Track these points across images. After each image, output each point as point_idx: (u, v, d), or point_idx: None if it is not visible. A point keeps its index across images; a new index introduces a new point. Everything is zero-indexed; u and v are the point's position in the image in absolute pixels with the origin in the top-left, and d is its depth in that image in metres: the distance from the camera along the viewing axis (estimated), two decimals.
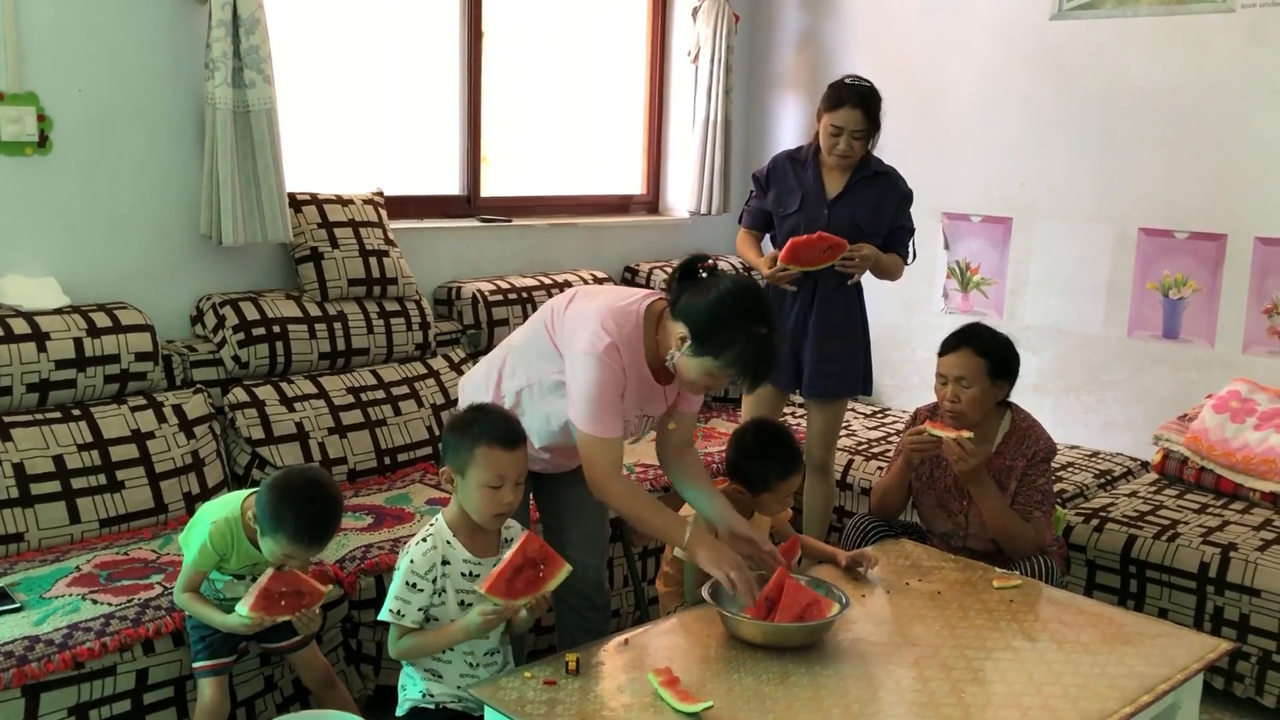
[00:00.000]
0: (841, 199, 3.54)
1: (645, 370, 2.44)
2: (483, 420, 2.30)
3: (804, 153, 3.63)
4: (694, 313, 2.30)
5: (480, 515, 2.29)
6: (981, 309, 4.65)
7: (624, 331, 2.38)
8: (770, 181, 3.63)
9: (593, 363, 2.35)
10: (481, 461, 2.24)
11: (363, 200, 3.88)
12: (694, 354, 2.31)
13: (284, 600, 2.37)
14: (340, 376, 3.64)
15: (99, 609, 2.57)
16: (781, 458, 2.75)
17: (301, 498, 2.36)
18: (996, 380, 3.02)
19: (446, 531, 2.33)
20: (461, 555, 2.32)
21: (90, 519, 2.99)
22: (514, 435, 2.30)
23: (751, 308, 2.30)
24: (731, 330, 2.27)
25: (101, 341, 3.13)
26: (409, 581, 2.28)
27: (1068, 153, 4.39)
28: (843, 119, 3.40)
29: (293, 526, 2.35)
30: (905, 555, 2.91)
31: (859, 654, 2.32)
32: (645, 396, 2.49)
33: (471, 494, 2.27)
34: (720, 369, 2.31)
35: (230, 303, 3.50)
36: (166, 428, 3.18)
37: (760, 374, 2.34)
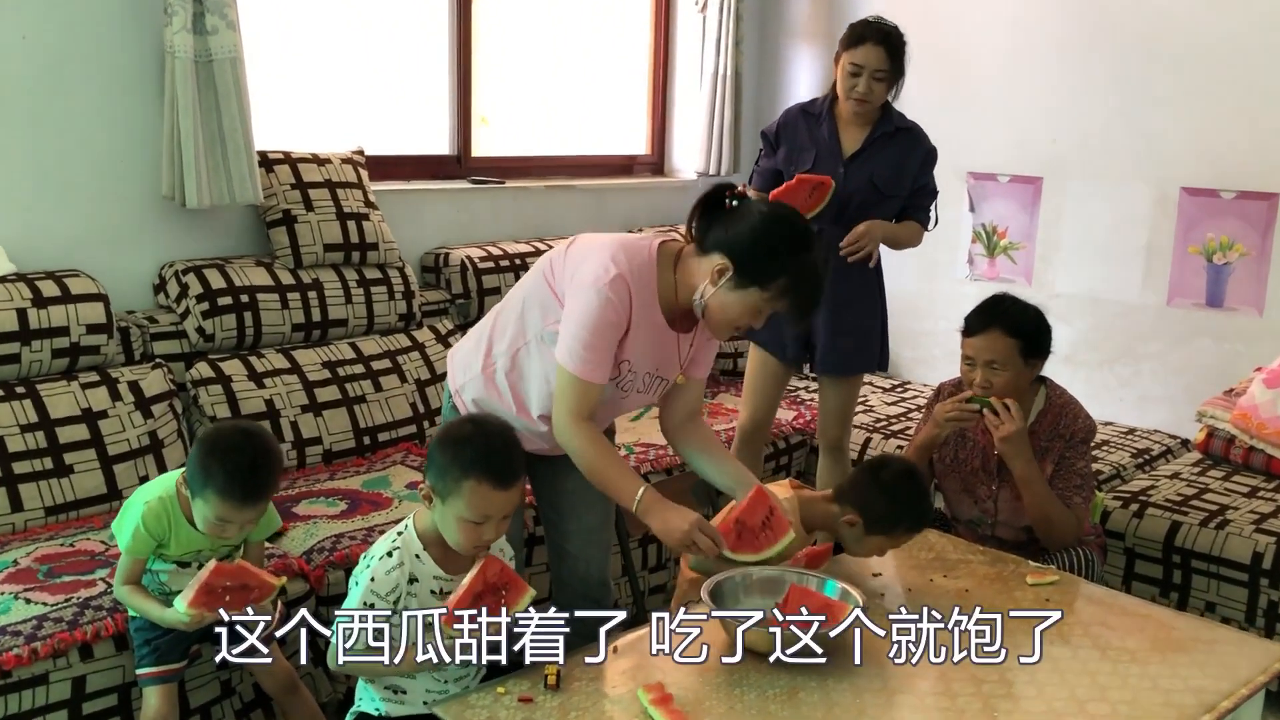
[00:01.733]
0: (859, 156, 3.25)
1: (658, 314, 2.21)
2: (479, 445, 1.98)
3: (819, 105, 3.33)
4: (736, 241, 2.11)
5: (456, 546, 2.02)
6: (1009, 275, 4.35)
7: (635, 265, 2.16)
8: (781, 138, 3.33)
9: (594, 296, 2.11)
10: (468, 497, 1.95)
11: (341, 160, 3.59)
12: (736, 286, 2.11)
13: (228, 595, 2.11)
14: (315, 350, 3.37)
15: (32, 610, 2.32)
16: (921, 513, 2.46)
17: (230, 448, 2.14)
18: (1030, 360, 2.73)
19: (416, 543, 2.05)
20: (432, 571, 2.04)
21: (35, 506, 2.73)
22: (510, 470, 1.99)
23: (799, 233, 2.15)
24: (780, 257, 2.10)
25: (49, 312, 2.87)
26: (366, 602, 2.00)
27: (1103, 106, 4.06)
28: (863, 56, 3.12)
29: (221, 480, 2.11)
30: (929, 547, 2.64)
31: (877, 665, 2.06)
32: (657, 346, 2.25)
33: (449, 524, 1.99)
34: (768, 301, 2.12)
35: (194, 270, 3.23)
36: (121, 406, 2.92)
37: (813, 302, 2.16)
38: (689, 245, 2.21)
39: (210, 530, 2.18)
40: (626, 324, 2.15)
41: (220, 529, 2.17)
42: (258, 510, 2.21)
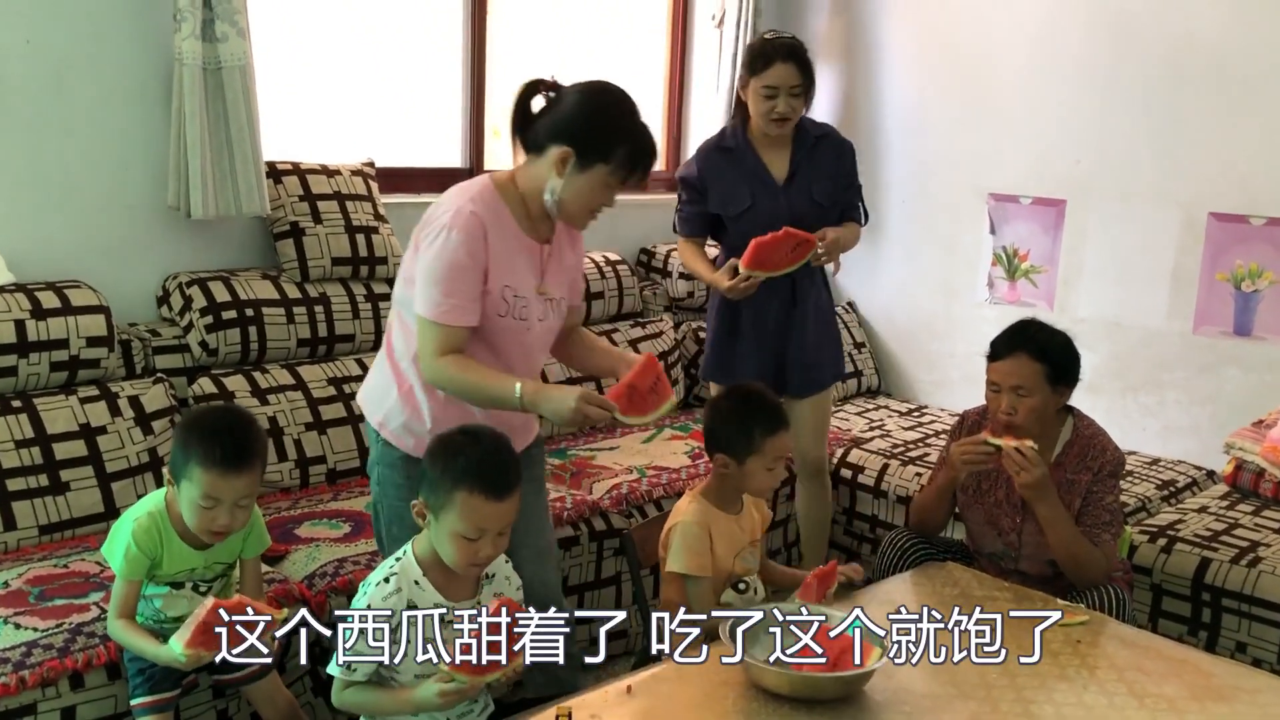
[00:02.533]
0: (794, 180, 3.17)
1: (517, 229, 2.24)
2: (471, 455, 1.90)
3: (730, 138, 3.22)
4: (567, 126, 2.16)
5: (453, 564, 1.93)
6: (1030, 299, 4.25)
7: (475, 195, 2.19)
8: (706, 181, 3.20)
9: (442, 237, 2.13)
10: (460, 509, 1.87)
11: (351, 171, 3.51)
12: (581, 168, 2.16)
13: (226, 630, 2.02)
14: (321, 366, 3.29)
15: (21, 635, 2.23)
16: (764, 412, 2.39)
17: (205, 417, 2.17)
18: (1057, 387, 2.64)
19: (415, 569, 1.96)
20: (432, 598, 1.95)
21: (28, 525, 2.65)
22: (505, 480, 1.91)
23: (623, 99, 2.21)
24: (616, 127, 2.16)
25: (48, 324, 2.79)
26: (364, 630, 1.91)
27: (1129, 127, 3.96)
28: (776, 77, 3.03)
29: (201, 451, 2.05)
30: (952, 582, 2.54)
31: (904, 710, 1.97)
32: (528, 262, 2.26)
33: (443, 541, 1.91)
34: (614, 172, 2.17)
35: (198, 282, 3.14)
36: (120, 422, 2.84)
37: (649, 159, 2.21)
38: (519, 159, 2.25)
39: (200, 523, 2.09)
40: (484, 255, 2.15)
41: (210, 517, 2.08)
42: (248, 485, 2.10)
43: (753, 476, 2.39)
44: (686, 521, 2.36)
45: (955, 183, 4.43)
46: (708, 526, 2.36)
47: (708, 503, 2.41)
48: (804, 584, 2.29)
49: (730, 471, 2.38)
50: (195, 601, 2.21)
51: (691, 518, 2.37)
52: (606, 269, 4.16)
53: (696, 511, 2.38)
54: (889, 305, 4.71)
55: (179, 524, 2.13)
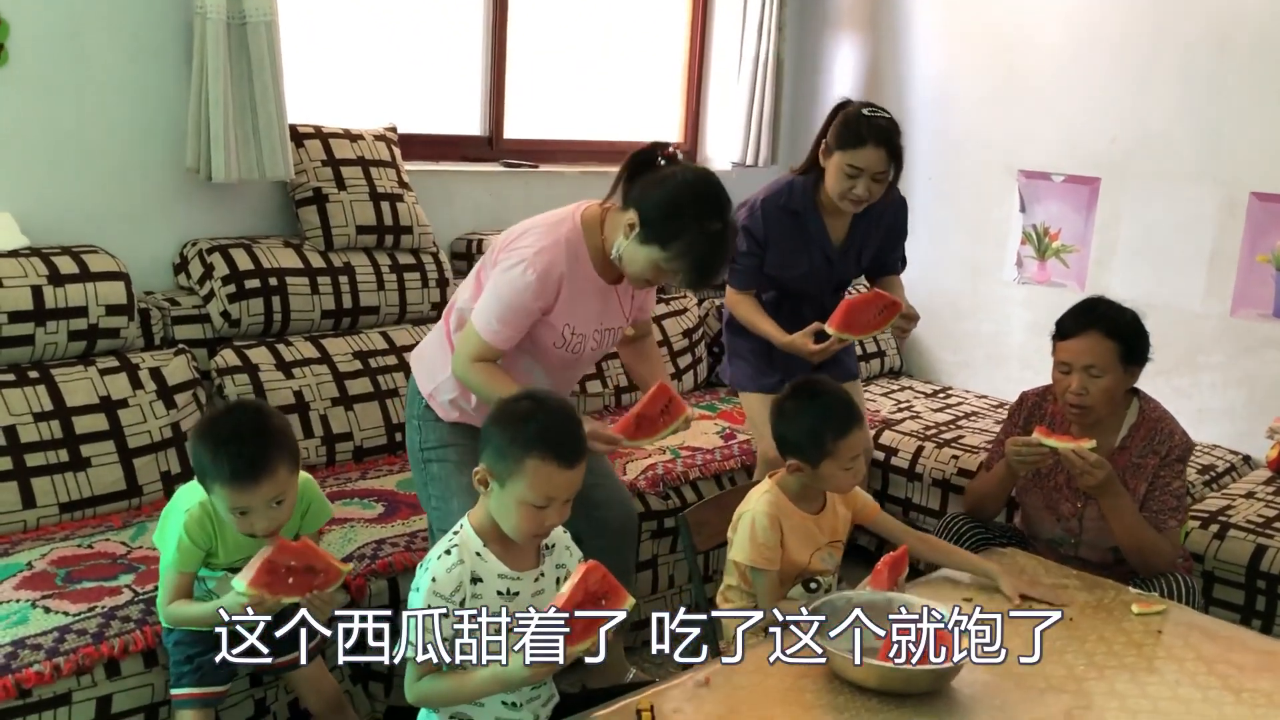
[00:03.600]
0: (849, 244, 3.05)
1: (592, 273, 2.33)
2: (540, 420, 1.81)
3: (796, 199, 2.99)
4: (646, 199, 2.20)
5: (516, 534, 1.83)
6: (1060, 279, 4.17)
7: (560, 236, 2.27)
8: (769, 240, 3.01)
9: (519, 270, 2.23)
10: (530, 477, 1.77)
11: (374, 136, 3.37)
12: (641, 241, 2.20)
13: (292, 576, 1.89)
14: (345, 339, 3.15)
15: (52, 620, 2.10)
16: (834, 413, 2.26)
17: (211, 426, 1.96)
18: (1129, 366, 2.55)
19: (475, 540, 1.85)
20: (495, 569, 1.85)
21: (48, 503, 2.51)
22: (576, 448, 1.82)
23: (708, 199, 2.20)
24: (683, 219, 2.16)
25: (66, 291, 2.64)
26: (431, 605, 1.80)
27: (1168, 103, 3.87)
28: (864, 160, 2.80)
29: (214, 468, 1.91)
30: (1018, 569, 2.45)
31: (996, 703, 1.87)
32: (598, 304, 2.36)
33: (508, 508, 1.80)
34: (667, 261, 2.19)
35: (220, 249, 3.00)
36: (142, 394, 2.69)
37: (708, 271, 2.22)
38: (612, 203, 2.31)
39: (239, 528, 1.96)
40: (552, 301, 2.25)
41: (247, 523, 1.95)
42: (274, 489, 1.95)
43: (829, 479, 2.28)
44: (757, 512, 2.25)
45: (984, 160, 4.33)
46: (779, 520, 2.26)
47: (783, 495, 2.30)
48: (874, 571, 2.19)
49: (805, 475, 2.28)
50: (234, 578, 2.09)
51: (763, 508, 2.26)
52: None
53: (769, 503, 2.27)
54: (912, 284, 4.49)
55: None
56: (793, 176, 3.05)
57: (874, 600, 2.07)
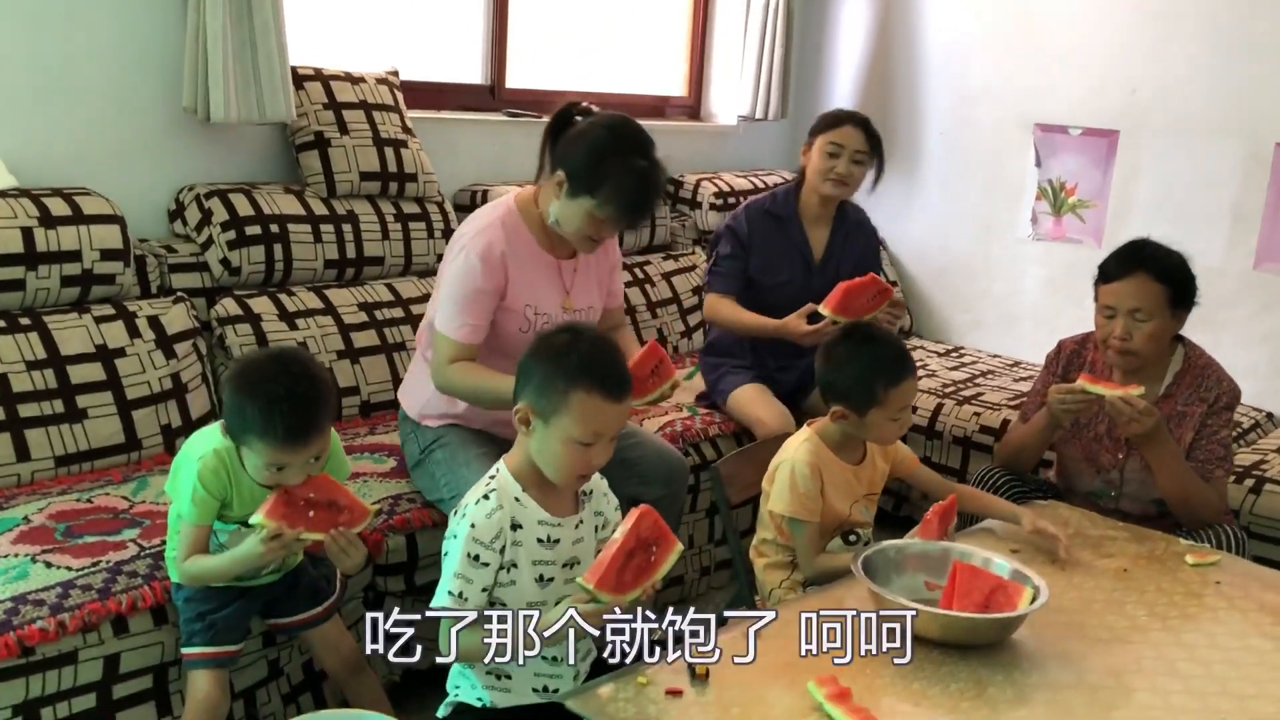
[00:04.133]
0: (827, 261, 3.13)
1: (537, 249, 2.33)
2: (582, 352, 1.70)
3: (780, 204, 3.11)
4: (569, 154, 2.21)
5: (559, 474, 1.72)
6: (1077, 235, 4.08)
7: (497, 218, 2.29)
8: (753, 242, 3.07)
9: (461, 258, 2.25)
10: (576, 411, 1.66)
11: (376, 80, 3.22)
12: (571, 195, 2.21)
13: (313, 510, 1.77)
14: (350, 290, 3.01)
15: (54, 574, 1.96)
16: (887, 361, 2.15)
17: (262, 380, 1.80)
18: (1176, 311, 2.46)
19: (513, 484, 1.74)
20: (535, 515, 1.74)
21: (43, 456, 2.37)
22: (622, 380, 1.72)
23: (628, 138, 2.22)
24: (607, 163, 2.17)
25: (58, 233, 2.49)
26: (471, 553, 1.69)
27: (1191, 53, 3.77)
28: (843, 136, 3.00)
29: (260, 423, 1.77)
30: (1064, 521, 2.36)
31: (1063, 655, 1.78)
32: (552, 278, 2.35)
33: (552, 447, 1.69)
34: (599, 207, 2.19)
35: (219, 194, 2.85)
36: (140, 344, 2.55)
37: (640, 209, 2.24)
38: (542, 180, 2.31)
39: (269, 482, 1.85)
40: (502, 280, 2.25)
41: (279, 479, 1.83)
42: (318, 447, 1.85)
43: (874, 428, 2.17)
44: (796, 460, 2.15)
45: (999, 113, 4.22)
46: (819, 469, 2.15)
47: (823, 445, 2.19)
48: (924, 521, 2.09)
49: (849, 423, 2.17)
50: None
51: (803, 457, 2.15)
52: None
53: (809, 451, 2.17)
54: (922, 243, 4.51)
55: None
56: (776, 187, 3.21)
57: (928, 550, 1.98)
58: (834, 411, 2.16)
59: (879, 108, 4.52)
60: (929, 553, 1.98)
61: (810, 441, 2.19)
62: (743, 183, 4.21)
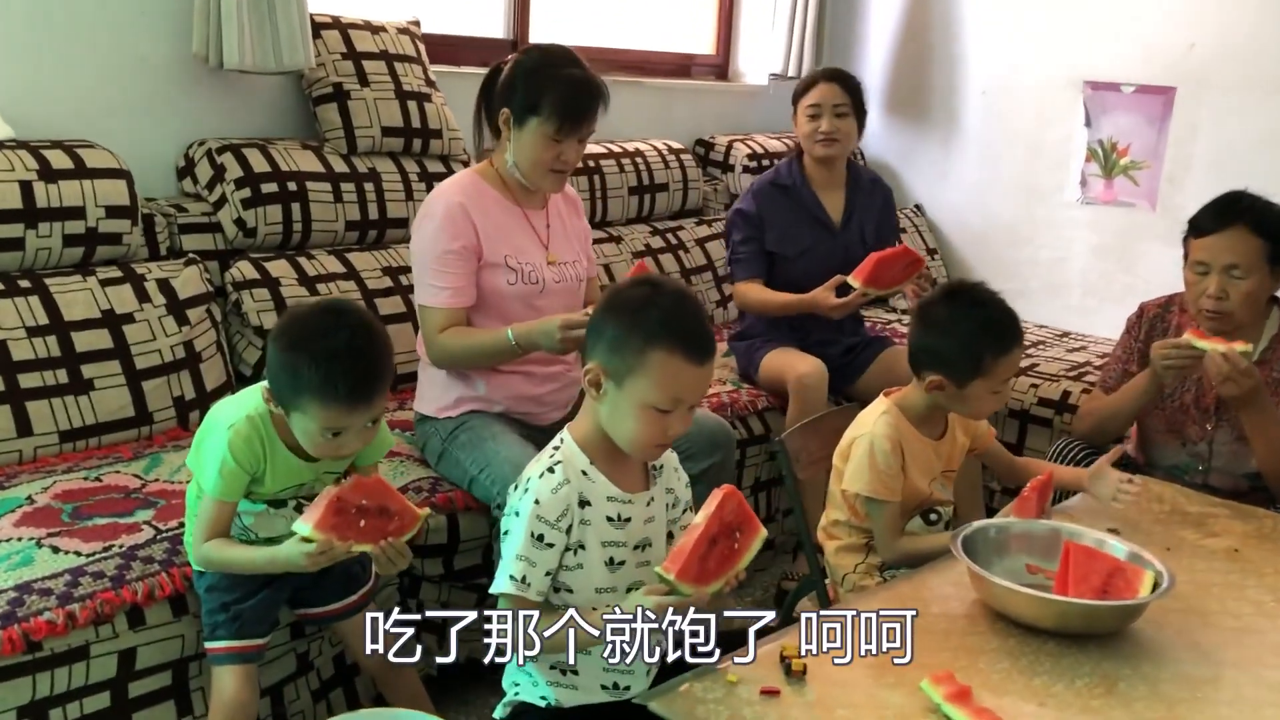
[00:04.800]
0: (849, 222, 3.04)
1: (501, 198, 2.29)
2: (662, 306, 1.50)
3: (784, 175, 3.02)
4: (504, 92, 2.23)
5: (633, 444, 1.52)
6: (1129, 198, 3.87)
7: (454, 184, 2.27)
8: (764, 218, 2.96)
9: (423, 226, 2.22)
10: (655, 372, 1.46)
11: (397, 30, 3.01)
12: (519, 124, 2.21)
13: (364, 519, 1.58)
14: (373, 253, 2.81)
15: (62, 561, 1.77)
16: (997, 327, 1.95)
17: (319, 332, 1.60)
18: (1275, 268, 2.27)
19: (580, 457, 1.55)
20: (605, 491, 1.55)
21: (47, 430, 2.17)
22: (707, 342, 1.52)
23: (553, 54, 2.25)
24: (540, 77, 2.19)
25: (59, 188, 2.28)
26: (534, 533, 1.50)
27: (1254, 4, 3.57)
28: (818, 95, 2.95)
29: (318, 381, 1.57)
30: (1157, 498, 2.18)
31: (1194, 646, 1.60)
32: (523, 226, 2.30)
33: (626, 413, 1.50)
34: (545, 121, 2.18)
35: (231, 149, 2.64)
36: (150, 309, 2.35)
37: (584, 107, 2.20)
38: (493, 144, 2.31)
39: (322, 450, 1.65)
40: (472, 234, 2.19)
41: (335, 446, 1.64)
42: (379, 407, 1.66)
43: (974, 400, 1.97)
44: (875, 435, 1.95)
45: (1045, 71, 4.01)
46: (900, 444, 1.96)
47: (903, 417, 2.00)
48: (1020, 499, 1.90)
49: (945, 394, 1.97)
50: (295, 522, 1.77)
51: (882, 431, 1.96)
52: (670, 158, 3.70)
53: (888, 425, 1.97)
54: (961, 208, 4.30)
55: (285, 430, 1.68)
56: (779, 161, 3.12)
57: (1032, 530, 1.80)
58: (930, 381, 1.96)
59: (916, 65, 4.32)
60: (1032, 532, 1.79)
61: (889, 414, 2.00)
62: (776, 144, 4.01)
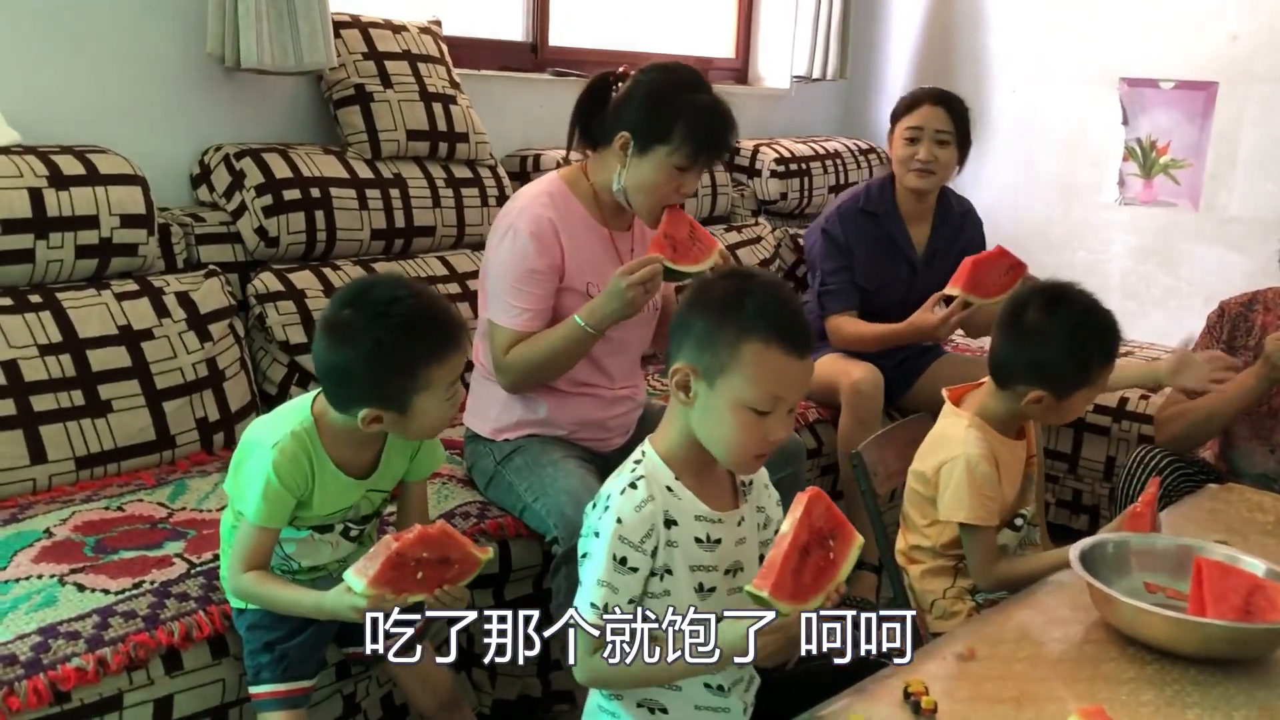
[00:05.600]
0: (933, 260, 2.81)
1: (590, 219, 2.11)
2: (759, 297, 1.34)
3: (874, 200, 2.79)
4: (627, 114, 2.03)
5: (730, 450, 1.36)
6: (1169, 198, 3.75)
7: (537, 192, 2.07)
8: (852, 246, 2.76)
9: (510, 238, 2.02)
10: (750, 367, 1.31)
11: (418, 29, 2.86)
12: (642, 151, 2.01)
13: (422, 570, 1.41)
14: (400, 264, 2.65)
15: (89, 600, 1.61)
16: (1103, 333, 1.81)
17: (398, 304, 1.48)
18: None
19: (664, 471, 1.39)
20: (692, 509, 1.39)
21: (62, 456, 2.00)
22: (806, 335, 1.36)
23: (684, 76, 2.07)
24: (672, 104, 2.00)
25: (71, 196, 2.12)
26: (617, 555, 1.34)
27: None
28: (921, 118, 2.72)
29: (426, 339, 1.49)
30: (1260, 508, 2.04)
31: None
32: (608, 253, 2.12)
33: (720, 416, 1.34)
34: (673, 152, 1.99)
35: (251, 154, 2.48)
36: (170, 324, 2.19)
37: (718, 140, 2.03)
38: (589, 153, 2.13)
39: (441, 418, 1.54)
40: (559, 256, 2.02)
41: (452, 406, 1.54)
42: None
43: (1071, 410, 1.84)
44: (970, 455, 1.79)
45: (1079, 67, 3.89)
46: (994, 460, 1.81)
47: (989, 427, 1.85)
48: (1131, 514, 1.75)
49: (1041, 407, 1.81)
50: (341, 549, 1.61)
51: (976, 449, 1.80)
52: None
53: (978, 441, 1.81)
54: (993, 210, 4.10)
55: (334, 444, 1.52)
56: (868, 182, 2.87)
57: (1152, 545, 1.65)
58: (1030, 397, 1.80)
59: (942, 64, 4.20)
60: (1153, 548, 1.64)
61: (975, 428, 1.84)
62: (803, 149, 3.87)
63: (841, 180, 3.93)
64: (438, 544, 1.40)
